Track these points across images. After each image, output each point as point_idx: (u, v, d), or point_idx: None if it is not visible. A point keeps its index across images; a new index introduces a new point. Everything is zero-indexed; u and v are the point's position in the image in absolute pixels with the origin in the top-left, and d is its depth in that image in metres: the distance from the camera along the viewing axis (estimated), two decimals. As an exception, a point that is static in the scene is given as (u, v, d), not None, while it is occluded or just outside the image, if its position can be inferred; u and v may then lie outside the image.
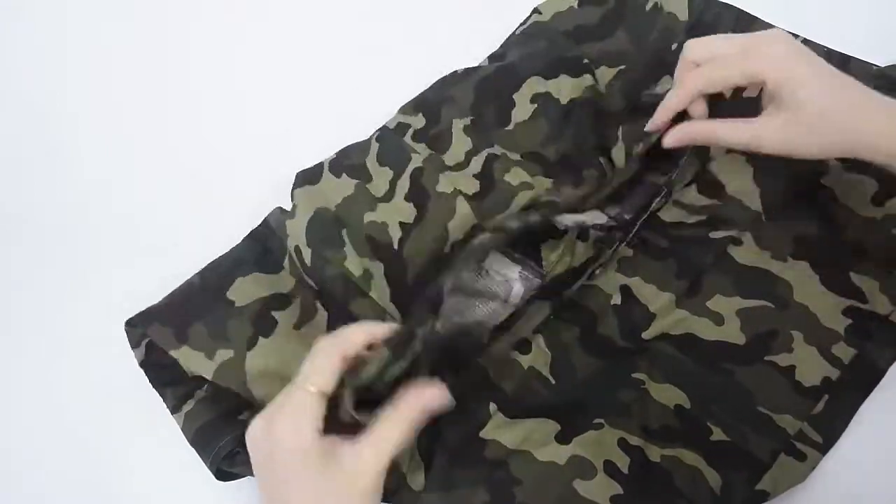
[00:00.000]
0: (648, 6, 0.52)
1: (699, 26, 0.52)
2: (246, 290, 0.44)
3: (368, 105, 0.53)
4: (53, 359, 0.52)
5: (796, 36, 0.48)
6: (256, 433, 0.32)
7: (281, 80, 0.58)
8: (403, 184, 0.45)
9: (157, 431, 0.49)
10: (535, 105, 0.47)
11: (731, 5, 0.53)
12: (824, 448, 0.39)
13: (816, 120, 0.37)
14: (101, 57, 0.59)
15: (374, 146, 0.48)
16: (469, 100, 0.48)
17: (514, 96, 0.48)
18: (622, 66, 0.50)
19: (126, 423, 0.49)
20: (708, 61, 0.40)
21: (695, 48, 0.40)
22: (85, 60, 0.59)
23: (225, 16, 0.60)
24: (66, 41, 0.60)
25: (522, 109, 0.47)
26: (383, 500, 0.36)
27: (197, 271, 0.46)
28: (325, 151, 0.50)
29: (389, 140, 0.48)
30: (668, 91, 0.42)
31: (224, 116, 0.57)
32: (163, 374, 0.43)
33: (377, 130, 0.51)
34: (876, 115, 0.37)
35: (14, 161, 0.56)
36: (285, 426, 0.31)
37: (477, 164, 0.46)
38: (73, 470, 0.48)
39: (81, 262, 0.54)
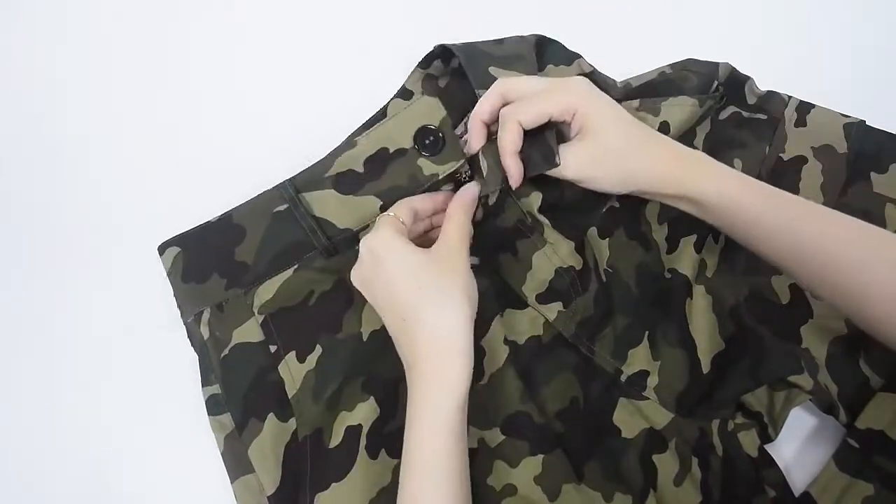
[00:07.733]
0: None
1: None
2: None
3: (366, 100, 0.54)
4: (53, 360, 0.52)
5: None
6: (360, 249, 0.41)
7: (281, 79, 0.58)
8: None
9: (158, 432, 0.49)
10: None
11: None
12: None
13: (602, 154, 0.42)
14: (100, 57, 0.59)
15: None
16: None
17: None
18: None
19: (126, 424, 0.49)
20: (520, 98, 0.43)
21: (507, 85, 0.44)
22: (84, 61, 0.59)
23: (226, 14, 0.60)
24: (66, 39, 0.60)
25: None
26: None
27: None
28: (325, 152, 0.50)
29: None
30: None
31: (226, 115, 0.57)
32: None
33: None
34: (645, 159, 0.42)
35: (14, 161, 0.57)
36: (378, 236, 0.40)
37: None
38: (74, 473, 0.49)
39: (80, 262, 0.54)
